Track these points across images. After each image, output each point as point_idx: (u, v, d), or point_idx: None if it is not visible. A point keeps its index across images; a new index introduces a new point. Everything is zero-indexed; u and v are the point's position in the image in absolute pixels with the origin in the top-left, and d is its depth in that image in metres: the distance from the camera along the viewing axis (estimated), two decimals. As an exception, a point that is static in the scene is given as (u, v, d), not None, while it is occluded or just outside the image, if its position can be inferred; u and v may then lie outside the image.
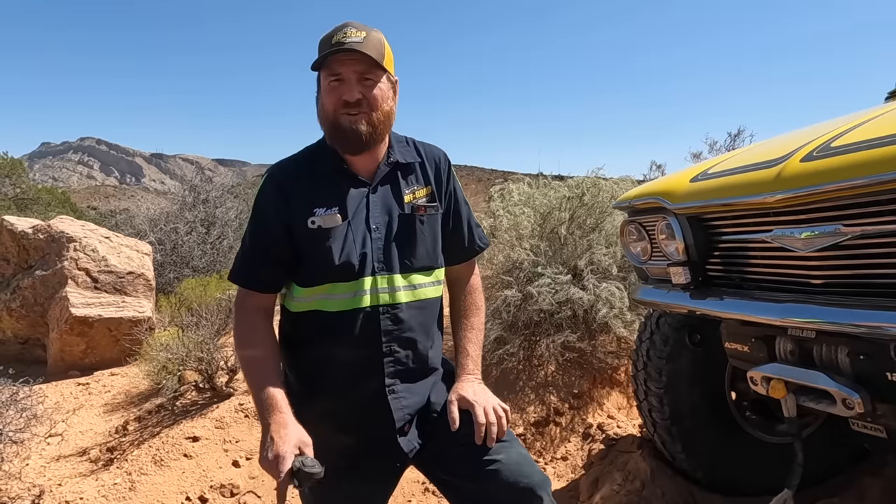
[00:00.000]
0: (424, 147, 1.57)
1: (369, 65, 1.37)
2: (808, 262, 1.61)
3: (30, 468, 3.32)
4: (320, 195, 1.41)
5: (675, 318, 2.47)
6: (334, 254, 1.38)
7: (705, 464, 2.44)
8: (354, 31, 1.36)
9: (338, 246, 1.38)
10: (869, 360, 1.54)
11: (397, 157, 1.49)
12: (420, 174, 1.52)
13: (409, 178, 1.50)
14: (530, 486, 1.38)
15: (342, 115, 1.37)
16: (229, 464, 3.21)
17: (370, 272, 1.40)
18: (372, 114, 1.38)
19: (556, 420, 3.41)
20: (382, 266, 1.42)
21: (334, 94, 1.37)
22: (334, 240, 1.38)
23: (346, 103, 1.36)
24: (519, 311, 3.70)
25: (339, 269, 1.38)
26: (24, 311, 5.20)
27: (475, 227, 1.64)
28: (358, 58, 1.35)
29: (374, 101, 1.38)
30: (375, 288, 1.40)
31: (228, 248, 7.73)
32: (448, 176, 1.57)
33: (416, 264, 1.46)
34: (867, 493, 2.26)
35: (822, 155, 1.59)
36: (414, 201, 1.48)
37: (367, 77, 1.38)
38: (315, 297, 1.41)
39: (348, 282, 1.39)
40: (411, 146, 1.55)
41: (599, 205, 3.98)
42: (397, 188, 1.48)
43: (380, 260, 1.42)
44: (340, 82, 1.37)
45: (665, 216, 2.10)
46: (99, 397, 4.34)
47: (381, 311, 1.41)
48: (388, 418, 1.42)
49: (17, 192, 13.92)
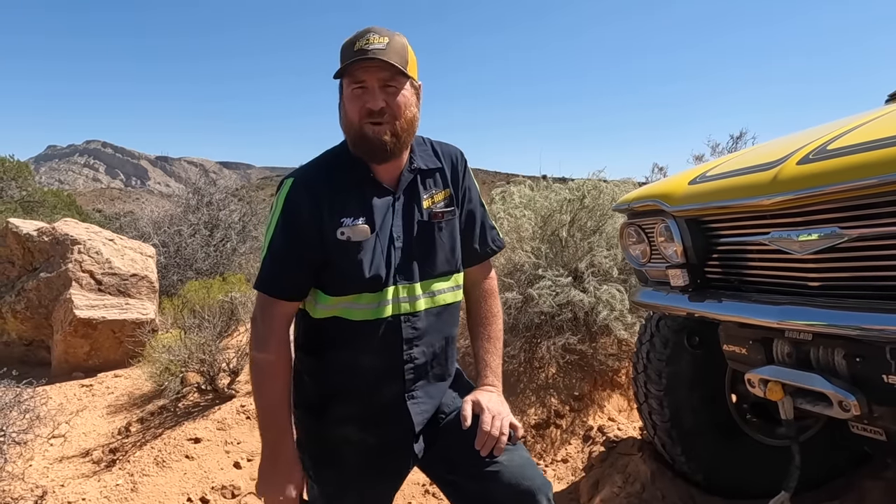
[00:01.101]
0: (442, 147, 1.55)
1: (392, 72, 1.34)
2: (806, 265, 1.62)
3: (33, 469, 3.33)
4: (347, 205, 1.39)
5: (675, 320, 2.47)
6: (364, 267, 1.37)
7: (705, 466, 2.44)
8: (377, 37, 1.33)
9: (367, 259, 1.37)
10: (865, 362, 1.54)
11: (419, 164, 1.48)
12: (439, 178, 1.51)
13: (427, 182, 1.49)
14: (531, 490, 1.39)
15: (366, 124, 1.35)
16: (231, 465, 3.23)
17: (393, 282, 1.40)
18: (395, 123, 1.36)
19: (557, 422, 3.41)
20: (404, 276, 1.41)
21: (358, 102, 1.35)
22: (364, 253, 1.37)
23: (369, 112, 1.34)
24: (520, 314, 3.71)
25: (368, 282, 1.38)
26: (28, 313, 5.23)
27: (489, 229, 1.62)
28: (381, 65, 1.33)
29: (398, 109, 1.36)
30: (397, 297, 1.40)
31: (232, 251, 7.76)
32: (464, 175, 1.55)
33: (435, 272, 1.46)
34: (867, 495, 2.25)
35: (819, 157, 1.59)
36: (432, 206, 1.47)
37: (390, 84, 1.35)
38: (340, 305, 1.40)
39: (374, 292, 1.39)
40: (429, 146, 1.53)
41: (600, 207, 3.98)
42: (416, 194, 1.47)
43: (401, 270, 1.41)
44: (364, 90, 1.35)
45: (664, 219, 2.10)
46: (102, 399, 4.36)
47: (402, 320, 1.41)
48: (407, 422, 1.43)
49: (23, 195, 14.01)
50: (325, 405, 1.46)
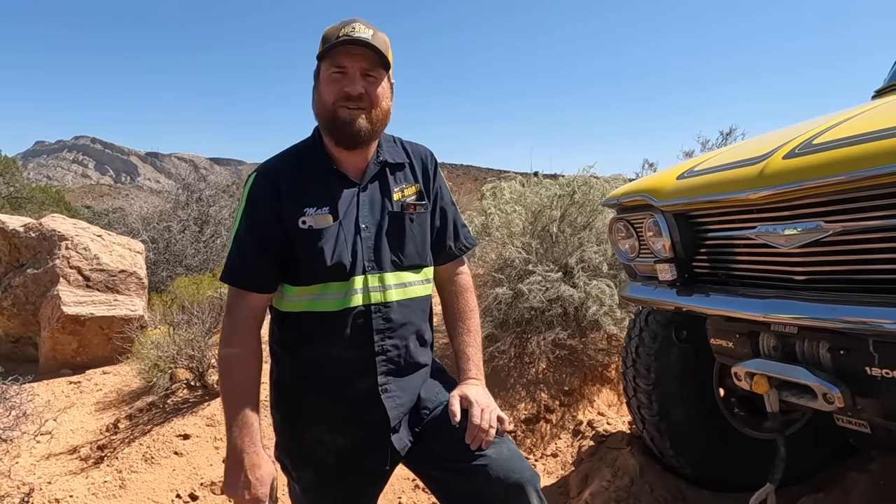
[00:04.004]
0: (411, 146, 1.58)
1: (375, 62, 1.37)
2: (792, 259, 1.63)
3: (19, 466, 3.31)
4: (310, 195, 1.40)
5: (663, 315, 2.48)
6: (326, 254, 1.37)
7: (694, 460, 2.45)
8: (363, 27, 1.36)
9: (329, 246, 1.38)
10: (849, 354, 1.55)
11: (386, 157, 1.50)
12: (409, 172, 1.53)
13: (397, 176, 1.50)
14: (520, 482, 1.38)
15: (340, 107, 1.36)
16: (220, 461, 3.21)
17: (361, 271, 1.40)
18: (372, 110, 1.38)
19: (547, 417, 3.42)
20: (373, 265, 1.42)
21: (336, 86, 1.37)
22: (326, 240, 1.38)
23: (347, 96, 1.36)
24: (510, 309, 3.72)
25: (332, 270, 1.38)
26: (15, 310, 5.18)
27: (461, 227, 1.64)
28: (365, 53, 1.35)
29: (376, 98, 1.38)
30: (367, 287, 1.40)
31: (222, 247, 7.72)
32: (434, 174, 1.57)
33: (405, 262, 1.47)
34: (853, 488, 2.27)
35: (805, 152, 1.60)
36: (403, 199, 1.49)
37: (370, 74, 1.38)
38: (307, 296, 1.41)
39: (340, 281, 1.39)
40: (398, 145, 1.56)
41: (590, 203, 4.00)
42: (386, 186, 1.48)
43: (370, 259, 1.42)
44: (343, 75, 1.37)
45: (652, 213, 2.11)
46: (90, 395, 4.33)
47: (373, 310, 1.41)
48: (382, 417, 1.42)
49: (11, 191, 13.87)
50: (298, 404, 1.45)
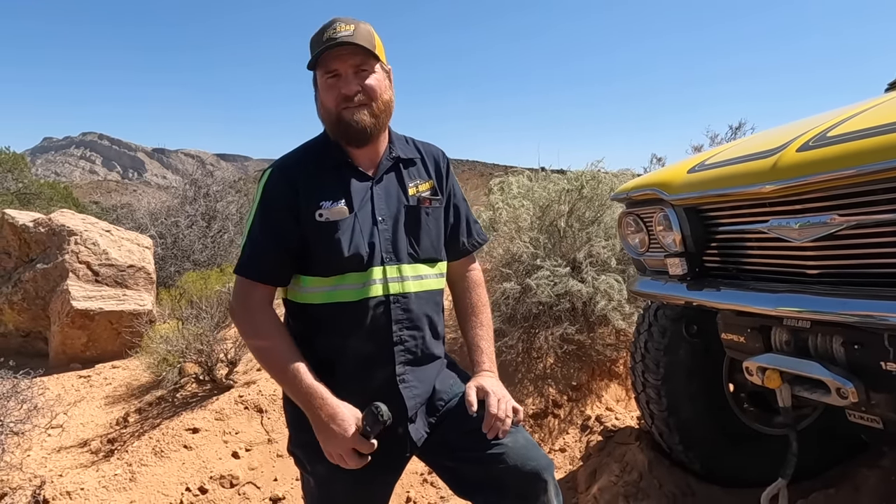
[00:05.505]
0: (423, 145, 1.62)
1: (363, 56, 1.39)
2: (804, 253, 1.61)
3: (31, 459, 3.34)
4: (326, 188, 1.43)
5: (673, 309, 2.47)
6: (343, 245, 1.39)
7: (703, 455, 2.44)
8: (343, 25, 1.38)
9: (346, 238, 1.40)
10: (863, 349, 1.53)
11: (398, 153, 1.53)
12: (422, 169, 1.56)
13: (410, 171, 1.54)
14: (537, 469, 1.42)
15: (343, 109, 1.40)
16: (229, 455, 3.23)
17: (379, 262, 1.43)
18: (372, 104, 1.41)
19: (555, 412, 3.42)
20: (391, 256, 1.44)
21: (333, 91, 1.40)
22: (343, 232, 1.40)
23: (345, 97, 1.38)
24: (518, 304, 3.71)
25: (349, 260, 1.40)
26: (25, 305, 5.21)
27: (473, 223, 1.67)
28: (351, 50, 1.38)
29: (373, 91, 1.41)
30: (385, 278, 1.42)
31: (229, 242, 7.74)
32: (447, 172, 1.61)
33: (421, 255, 1.49)
34: (864, 484, 2.26)
35: (819, 144, 1.58)
36: (418, 194, 1.52)
37: (362, 69, 1.40)
38: (325, 287, 1.42)
39: (358, 272, 1.41)
40: (411, 144, 1.60)
41: (599, 197, 3.98)
42: (401, 181, 1.51)
43: (388, 250, 1.44)
44: (337, 78, 1.40)
45: (662, 207, 2.10)
46: (100, 389, 4.36)
47: (392, 300, 1.43)
48: (400, 407, 1.43)
49: (20, 187, 13.95)
50: None
